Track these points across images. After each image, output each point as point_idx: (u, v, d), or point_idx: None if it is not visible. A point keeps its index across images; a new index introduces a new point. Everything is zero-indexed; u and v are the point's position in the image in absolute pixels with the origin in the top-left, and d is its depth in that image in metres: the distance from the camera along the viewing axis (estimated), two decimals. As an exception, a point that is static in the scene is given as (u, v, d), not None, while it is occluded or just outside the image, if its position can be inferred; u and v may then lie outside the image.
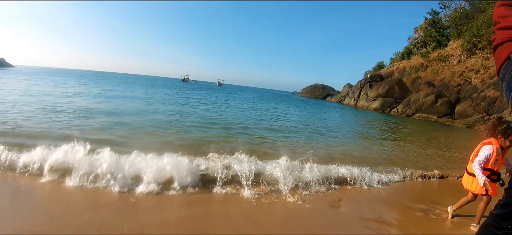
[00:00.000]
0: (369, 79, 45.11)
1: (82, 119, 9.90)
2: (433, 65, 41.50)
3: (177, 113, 14.23)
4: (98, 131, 8.24)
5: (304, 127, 14.96)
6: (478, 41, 36.54)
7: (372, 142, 12.58)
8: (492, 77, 31.39)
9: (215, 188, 4.84)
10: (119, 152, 5.25)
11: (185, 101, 22.39)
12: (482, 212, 4.20)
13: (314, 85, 73.09)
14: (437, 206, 5.26)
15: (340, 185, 5.83)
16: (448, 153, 11.74)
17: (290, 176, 5.37)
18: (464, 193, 4.54)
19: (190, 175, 4.87)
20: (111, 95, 20.97)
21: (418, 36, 52.36)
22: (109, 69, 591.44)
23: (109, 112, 12.15)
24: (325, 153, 8.83)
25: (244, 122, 13.74)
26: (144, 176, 4.63)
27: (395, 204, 5.25)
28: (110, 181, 4.49)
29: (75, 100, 15.68)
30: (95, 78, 51.00)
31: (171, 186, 4.70)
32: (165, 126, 10.47)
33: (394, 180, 6.61)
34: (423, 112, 31.65)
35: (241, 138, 9.77)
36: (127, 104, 15.79)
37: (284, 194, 4.94)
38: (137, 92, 27.22)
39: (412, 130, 20.68)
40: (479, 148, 4.04)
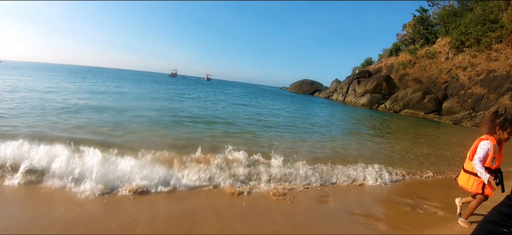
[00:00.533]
0: (357, 75, 45.28)
1: (68, 116, 9.82)
2: (421, 62, 41.77)
3: (166, 110, 13.99)
4: (80, 129, 8.08)
5: (293, 123, 14.78)
6: (465, 39, 36.99)
7: (360, 138, 12.51)
8: (479, 74, 31.60)
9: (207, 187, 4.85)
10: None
11: (173, 97, 22.40)
12: (473, 210, 4.18)
13: (302, 81, 72.83)
14: (425, 201, 5.25)
15: (329, 182, 5.80)
16: (435, 150, 11.73)
17: (279, 173, 5.50)
18: (451, 188, 4.75)
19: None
20: (101, 91, 20.42)
21: (407, 33, 52.60)
22: (96, 64, 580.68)
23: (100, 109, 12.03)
24: (312, 149, 8.73)
25: (232, 118, 13.51)
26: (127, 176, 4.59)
27: (383, 199, 5.26)
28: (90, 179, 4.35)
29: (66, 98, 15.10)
30: (82, 74, 49.26)
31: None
32: (156, 122, 10.31)
33: (384, 179, 6.46)
34: (411, 109, 31.70)
35: (231, 134, 9.65)
36: (119, 102, 15.50)
37: (271, 190, 4.96)
38: (125, 88, 26.95)
39: (400, 126, 20.79)
40: (476, 144, 3.97)
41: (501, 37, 33.32)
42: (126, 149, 5.64)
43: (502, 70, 29.62)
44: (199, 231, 3.42)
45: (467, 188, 4.11)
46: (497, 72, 29.99)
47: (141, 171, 4.67)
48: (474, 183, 3.97)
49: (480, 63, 33.03)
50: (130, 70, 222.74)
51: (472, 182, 4.01)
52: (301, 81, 73.21)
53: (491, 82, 29.45)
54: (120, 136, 7.54)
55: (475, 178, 3.97)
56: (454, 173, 7.76)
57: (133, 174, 4.58)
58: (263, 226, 3.73)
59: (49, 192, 4.07)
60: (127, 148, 5.90)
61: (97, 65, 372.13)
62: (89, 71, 77.73)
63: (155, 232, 3.31)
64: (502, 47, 32.66)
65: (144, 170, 4.70)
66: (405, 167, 7.78)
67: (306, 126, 14.05)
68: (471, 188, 4.03)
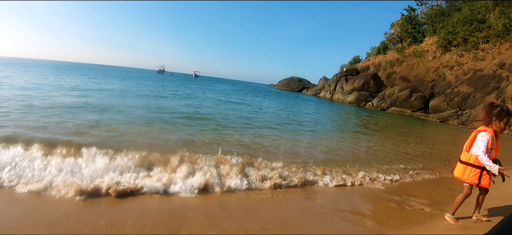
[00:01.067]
0: (345, 73, 45.16)
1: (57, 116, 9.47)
2: (409, 61, 41.87)
3: (155, 108, 13.31)
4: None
5: (281, 121, 14.39)
6: (453, 38, 37.26)
7: (347, 136, 12.42)
8: (465, 73, 31.73)
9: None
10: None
11: (162, 93, 21.93)
12: (459, 205, 4.16)
13: (290, 78, 72.37)
14: (411, 198, 5.27)
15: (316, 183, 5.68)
16: (422, 148, 11.77)
17: (267, 172, 5.42)
18: (438, 185, 5.08)
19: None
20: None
21: (394, 31, 52.75)
22: (81, 60, 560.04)
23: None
24: (299, 148, 8.55)
25: (221, 116, 13.05)
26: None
27: (370, 196, 5.24)
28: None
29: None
30: (67, 70, 47.11)
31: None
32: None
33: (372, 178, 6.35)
34: (398, 107, 31.67)
35: (218, 132, 9.38)
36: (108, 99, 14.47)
37: (261, 188, 4.94)
38: (106, 85, 26.23)
39: (388, 124, 20.76)
40: (474, 135, 3.93)
41: (488, 37, 33.60)
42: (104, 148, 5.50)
43: (489, 70, 29.75)
44: (187, 229, 3.38)
45: (463, 179, 4.00)
46: (483, 71, 30.11)
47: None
48: (470, 173, 3.90)
49: (467, 63, 33.18)
50: (116, 67, 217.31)
51: (468, 173, 3.93)
52: (289, 78, 72.74)
53: (478, 81, 29.52)
54: (98, 135, 6.99)
55: (472, 169, 3.89)
56: (441, 170, 7.86)
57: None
58: (251, 223, 3.69)
59: (33, 192, 3.93)
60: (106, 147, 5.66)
61: (83, 62, 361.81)
62: (75, 67, 75.24)
63: (143, 230, 3.26)
64: (488, 47, 32.88)
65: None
66: (395, 165, 7.66)
67: (296, 125, 13.61)
68: (467, 179, 3.94)
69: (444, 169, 8.25)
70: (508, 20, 32.10)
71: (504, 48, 31.29)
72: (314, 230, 3.73)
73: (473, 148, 3.90)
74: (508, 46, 31.08)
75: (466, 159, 3.97)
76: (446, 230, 3.98)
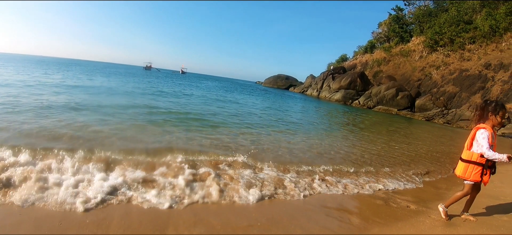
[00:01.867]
0: (332, 71, 44.79)
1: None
2: (395, 60, 41.83)
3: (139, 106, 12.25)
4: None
5: (268, 119, 13.82)
6: (439, 38, 37.38)
7: (335, 135, 12.20)
8: (451, 73, 31.72)
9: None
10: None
11: (148, 91, 21.27)
12: (456, 200, 4.14)
13: (277, 76, 71.77)
14: (397, 195, 5.26)
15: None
16: (410, 147, 11.88)
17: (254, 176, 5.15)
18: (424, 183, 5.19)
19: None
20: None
21: (382, 31, 52.76)
22: (65, 56, 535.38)
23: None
24: (285, 147, 8.04)
25: (206, 114, 12.34)
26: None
27: (356, 194, 5.19)
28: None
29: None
30: (49, 66, 44.86)
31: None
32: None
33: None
34: (384, 105, 31.44)
35: (204, 130, 8.79)
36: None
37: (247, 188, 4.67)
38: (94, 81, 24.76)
39: (374, 122, 20.39)
40: (474, 133, 3.88)
41: (474, 38, 33.70)
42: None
43: (474, 70, 29.75)
44: (174, 227, 3.33)
45: (466, 177, 3.94)
46: (469, 71, 30.09)
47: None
48: (473, 171, 3.85)
49: (453, 63, 33.18)
50: (103, 63, 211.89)
51: (470, 171, 3.87)
52: (276, 76, 72.12)
53: (463, 81, 29.45)
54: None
55: (474, 167, 3.83)
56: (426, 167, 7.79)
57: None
58: (237, 220, 3.67)
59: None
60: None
61: (67, 57, 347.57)
62: (61, 63, 72.53)
63: (129, 228, 3.20)
64: (475, 47, 32.96)
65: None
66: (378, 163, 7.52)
67: (284, 124, 13.00)
68: (470, 177, 3.88)
69: (432, 167, 8.00)
70: (495, 22, 32.19)
71: (490, 49, 31.34)
72: (300, 227, 3.68)
73: (474, 146, 3.85)
74: (494, 47, 31.14)
75: (468, 157, 3.90)
76: (431, 227, 3.96)
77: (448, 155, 10.32)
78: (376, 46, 51.99)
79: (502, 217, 4.42)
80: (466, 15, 37.42)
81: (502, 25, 31.42)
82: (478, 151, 3.77)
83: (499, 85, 26.02)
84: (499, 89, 25.49)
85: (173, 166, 4.98)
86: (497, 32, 31.87)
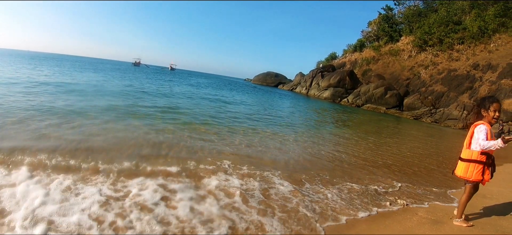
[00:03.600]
0: (321, 69, 44.70)
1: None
2: (384, 59, 41.84)
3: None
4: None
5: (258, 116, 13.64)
6: (429, 38, 37.45)
7: (326, 135, 11.87)
8: (440, 73, 31.77)
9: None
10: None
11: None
12: (465, 205, 3.94)
13: (266, 73, 71.34)
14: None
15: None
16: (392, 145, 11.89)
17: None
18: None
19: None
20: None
21: (371, 30, 52.76)
22: (57, 51, 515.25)
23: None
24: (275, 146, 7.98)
25: (195, 113, 11.86)
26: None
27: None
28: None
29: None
30: (33, 61, 43.04)
31: None
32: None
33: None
34: (373, 104, 31.30)
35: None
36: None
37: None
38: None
39: (363, 120, 20.28)
40: (472, 130, 3.80)
41: (463, 38, 33.82)
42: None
43: (463, 70, 29.81)
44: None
45: (466, 177, 3.81)
46: (457, 71, 30.15)
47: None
48: (474, 170, 3.72)
49: (442, 63, 33.25)
50: (92, 58, 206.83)
51: (472, 170, 3.75)
52: (265, 73, 71.68)
53: (452, 81, 29.46)
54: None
55: (475, 165, 3.71)
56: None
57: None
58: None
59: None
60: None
61: (59, 52, 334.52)
62: (49, 58, 70.15)
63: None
64: (463, 48, 33.08)
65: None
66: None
67: (276, 118, 13.00)
68: (472, 177, 3.75)
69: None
70: (483, 23, 32.32)
71: (479, 50, 31.43)
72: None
73: (473, 144, 3.75)
74: (482, 48, 31.23)
75: (468, 156, 3.80)
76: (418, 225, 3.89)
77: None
78: (366, 45, 52.01)
79: (491, 216, 4.31)
80: (455, 15, 37.58)
81: (491, 27, 31.55)
82: (477, 148, 3.66)
83: (487, 85, 26.02)
84: (486, 89, 25.48)
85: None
86: (485, 33, 31.99)
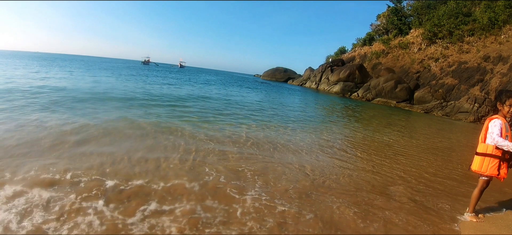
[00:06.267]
0: (330, 64, 44.63)
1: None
2: (394, 52, 41.72)
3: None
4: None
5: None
6: (438, 30, 37.31)
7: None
8: (450, 65, 31.75)
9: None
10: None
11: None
12: (477, 200, 4.00)
13: (275, 69, 71.66)
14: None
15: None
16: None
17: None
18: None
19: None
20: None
21: (380, 23, 52.58)
22: (62, 51, 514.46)
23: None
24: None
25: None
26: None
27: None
28: None
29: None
30: (43, 61, 43.84)
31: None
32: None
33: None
34: (383, 97, 31.43)
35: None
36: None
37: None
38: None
39: (373, 114, 20.49)
40: (487, 124, 3.85)
41: (473, 30, 33.69)
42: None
43: (473, 62, 29.80)
44: None
45: (482, 171, 3.83)
46: (468, 64, 30.15)
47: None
48: (489, 165, 3.75)
49: (452, 55, 33.19)
50: (102, 58, 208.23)
51: (487, 164, 3.77)
52: (275, 69, 71.98)
53: (462, 73, 29.51)
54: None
55: (491, 160, 3.73)
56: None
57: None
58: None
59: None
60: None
61: (64, 52, 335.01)
62: (59, 58, 71.13)
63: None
64: (473, 40, 32.96)
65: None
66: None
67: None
68: (487, 171, 3.78)
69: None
70: (493, 14, 32.21)
71: (489, 41, 31.37)
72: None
73: (488, 138, 3.78)
74: (493, 40, 31.17)
75: (483, 150, 3.83)
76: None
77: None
78: (375, 38, 51.84)
79: (503, 211, 4.51)
80: (465, 7, 37.40)
81: (501, 18, 31.44)
82: (492, 142, 3.70)
83: (498, 77, 26.08)
84: (497, 81, 25.55)
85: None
86: (496, 25, 31.88)
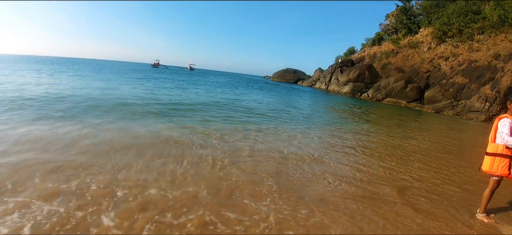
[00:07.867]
0: (340, 64, 44.97)
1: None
2: (404, 52, 41.81)
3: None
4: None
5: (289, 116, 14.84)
6: (448, 29, 37.27)
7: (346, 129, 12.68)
8: (461, 64, 31.76)
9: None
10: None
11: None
12: (488, 200, 4.00)
13: (285, 70, 72.05)
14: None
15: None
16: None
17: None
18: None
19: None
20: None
21: (389, 22, 52.68)
22: (73, 55, 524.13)
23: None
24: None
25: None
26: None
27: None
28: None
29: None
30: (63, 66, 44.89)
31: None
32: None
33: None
34: (393, 97, 31.63)
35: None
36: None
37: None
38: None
39: (383, 115, 20.74)
40: (496, 124, 3.83)
41: (483, 28, 33.63)
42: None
43: (484, 61, 29.78)
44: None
45: (493, 171, 3.84)
46: (478, 62, 30.14)
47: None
48: (500, 164, 3.74)
49: (462, 54, 33.18)
50: (112, 61, 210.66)
51: (497, 164, 3.77)
52: (284, 70, 72.38)
53: (473, 72, 29.55)
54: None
55: (501, 159, 3.73)
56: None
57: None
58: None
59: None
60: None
61: (75, 56, 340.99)
62: (69, 62, 72.55)
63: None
64: (483, 38, 32.91)
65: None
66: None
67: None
68: (497, 171, 3.78)
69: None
70: (503, 12, 32.12)
71: (499, 39, 31.31)
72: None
73: (498, 138, 3.78)
74: (503, 38, 31.10)
75: (493, 150, 3.84)
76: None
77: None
78: (384, 38, 51.96)
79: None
80: (474, 5, 37.30)
81: (511, 15, 31.39)
82: (502, 142, 3.71)
83: (509, 76, 26.06)
84: (509, 80, 25.54)
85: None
86: (506, 22, 31.77)
